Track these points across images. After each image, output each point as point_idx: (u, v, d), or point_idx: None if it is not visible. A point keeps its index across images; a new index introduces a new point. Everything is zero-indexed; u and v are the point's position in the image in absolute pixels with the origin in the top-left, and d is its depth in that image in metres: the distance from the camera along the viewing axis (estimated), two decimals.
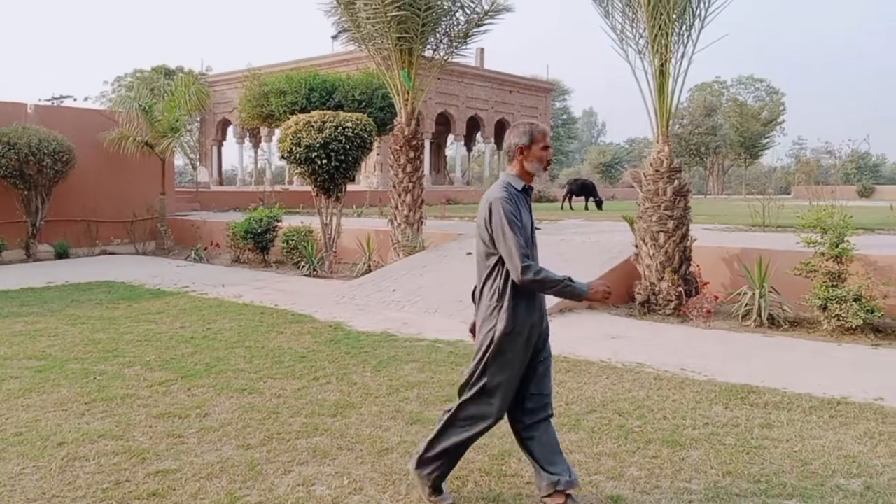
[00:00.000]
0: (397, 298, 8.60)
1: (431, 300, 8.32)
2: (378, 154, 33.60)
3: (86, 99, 51.83)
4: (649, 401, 4.66)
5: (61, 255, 14.30)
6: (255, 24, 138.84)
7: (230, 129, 42.73)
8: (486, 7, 11.00)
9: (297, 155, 11.53)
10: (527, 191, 3.17)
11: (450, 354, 5.99)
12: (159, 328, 7.27)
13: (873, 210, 19.42)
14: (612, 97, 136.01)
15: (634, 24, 8.24)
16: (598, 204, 21.23)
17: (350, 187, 24.63)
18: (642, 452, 3.80)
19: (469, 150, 48.00)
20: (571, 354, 5.94)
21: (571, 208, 21.33)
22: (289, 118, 21.56)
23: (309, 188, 30.81)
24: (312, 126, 11.52)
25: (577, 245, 9.73)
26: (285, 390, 5.02)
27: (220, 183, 42.60)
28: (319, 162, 11.48)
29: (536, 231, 3.48)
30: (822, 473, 3.52)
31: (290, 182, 38.21)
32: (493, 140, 45.11)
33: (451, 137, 48.58)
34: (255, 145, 40.76)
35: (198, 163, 43.32)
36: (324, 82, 20.98)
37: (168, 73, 46.56)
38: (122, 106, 15.32)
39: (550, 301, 7.52)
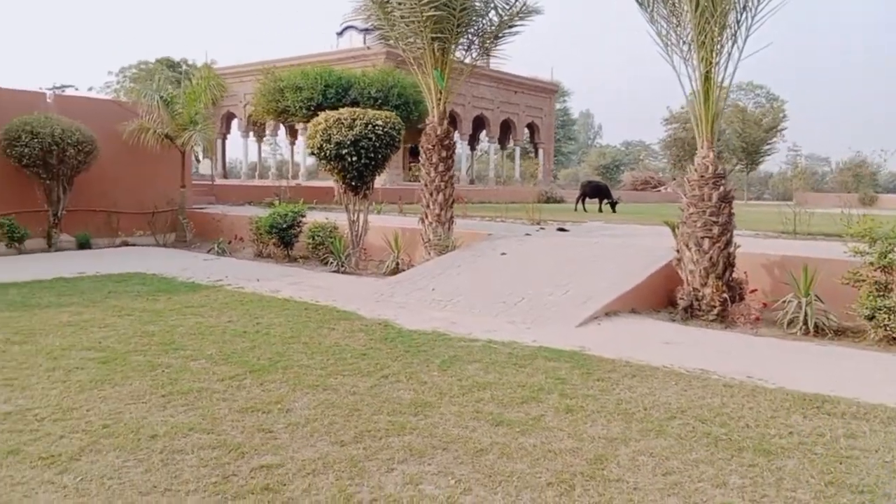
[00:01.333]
0: (437, 297, 8.62)
1: (472, 300, 8.34)
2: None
3: (90, 89, 51.49)
4: (726, 408, 4.70)
5: (83, 245, 14.25)
6: (255, 18, 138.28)
7: (234, 123, 42.61)
8: (518, 8, 11.01)
9: (328, 151, 11.51)
10: None
11: (509, 356, 6.01)
12: (208, 321, 7.27)
13: None
14: (608, 99, 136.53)
15: (678, 31, 8.28)
16: (613, 206, 21.32)
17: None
18: (737, 461, 3.84)
19: (472, 149, 47.98)
20: (632, 359, 5.96)
21: (585, 210, 21.41)
22: (305, 114, 21.74)
23: (321, 183, 30.87)
24: (343, 123, 11.51)
25: (611, 248, 9.77)
26: (358, 387, 5.03)
27: (224, 176, 42.51)
28: (350, 159, 11.47)
29: (564, 232, 3.45)
30: None
31: (295, 177, 38.17)
32: (497, 140, 45.21)
33: (455, 136, 48.73)
34: (259, 139, 40.61)
35: (201, 155, 43.14)
36: (339, 79, 21.01)
37: (172, 65, 46.52)
38: (143, 97, 15.25)
39: (598, 304, 7.59)
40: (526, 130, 47.73)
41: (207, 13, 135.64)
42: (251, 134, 41.47)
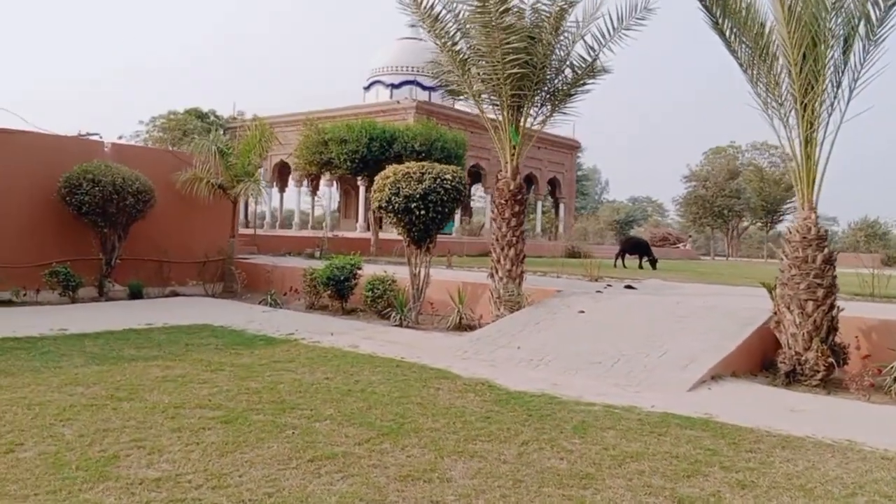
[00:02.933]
0: (525, 356, 8.40)
1: (565, 360, 8.11)
2: None
3: (120, 137, 52.21)
4: None
5: (135, 294, 14.12)
6: (281, 71, 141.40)
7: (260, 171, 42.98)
8: (590, 65, 11.06)
9: (396, 205, 11.46)
10: None
11: (640, 423, 5.77)
12: (304, 378, 7.06)
13: None
14: (612, 156, 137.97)
15: (777, 92, 8.26)
16: (653, 263, 21.13)
17: (390, 236, 24.50)
18: None
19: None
20: (770, 428, 5.71)
21: (624, 266, 21.23)
22: (349, 166, 21.87)
23: (360, 235, 30.82)
24: (412, 177, 11.49)
25: (695, 308, 9.57)
26: (504, 455, 4.80)
27: (246, 225, 42.67)
28: (418, 213, 11.41)
29: (632, 290, 3.25)
30: None
31: (334, 228, 38.34)
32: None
33: (477, 189, 49.02)
34: (313, 192, 40.87)
35: (253, 204, 43.18)
36: (383, 132, 21.17)
37: (200, 115, 47.25)
38: (200, 148, 15.35)
39: (702, 367, 7.36)
40: (547, 185, 47.97)
41: (232, 66, 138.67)
42: (275, 184, 41.73)
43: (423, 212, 11.38)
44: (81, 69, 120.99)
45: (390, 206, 11.57)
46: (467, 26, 10.63)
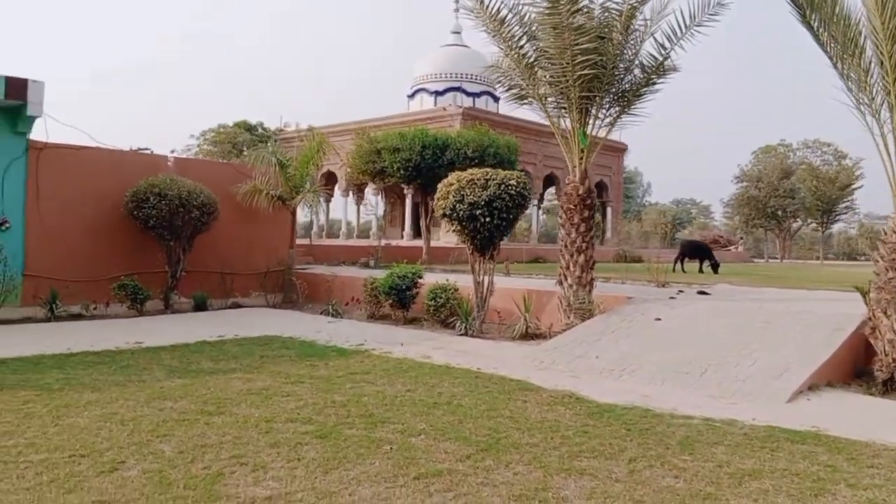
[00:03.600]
0: (605, 366, 8.16)
1: (649, 370, 7.85)
2: None
3: (172, 151, 53.46)
4: None
5: (200, 306, 14.25)
6: (324, 81, 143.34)
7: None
8: (661, 63, 10.76)
9: (461, 212, 11.33)
10: None
11: (745, 438, 5.49)
12: (386, 390, 6.95)
13: None
14: (653, 159, 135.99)
15: (869, 84, 7.89)
16: (715, 267, 20.57)
17: (441, 243, 24.40)
18: None
19: (539, 207, 47.79)
20: (886, 441, 5.40)
21: (684, 271, 20.72)
22: (403, 174, 21.85)
23: (411, 243, 30.83)
24: (476, 183, 11.35)
25: (778, 314, 9.20)
26: (614, 472, 4.59)
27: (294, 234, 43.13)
28: (483, 220, 11.26)
29: (706, 295, 2.98)
30: None
31: (382, 236, 38.52)
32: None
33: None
34: (359, 201, 41.16)
35: (313, 215, 43.54)
36: (435, 139, 21.10)
37: (249, 128, 48.00)
38: (261, 160, 15.47)
39: (798, 377, 7.02)
40: (594, 189, 47.38)
41: (275, 76, 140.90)
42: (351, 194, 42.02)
43: (487, 219, 11.23)
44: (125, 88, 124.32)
45: (454, 214, 11.45)
46: (533, 28, 10.46)
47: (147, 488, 4.18)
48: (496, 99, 47.50)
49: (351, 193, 41.42)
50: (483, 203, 11.14)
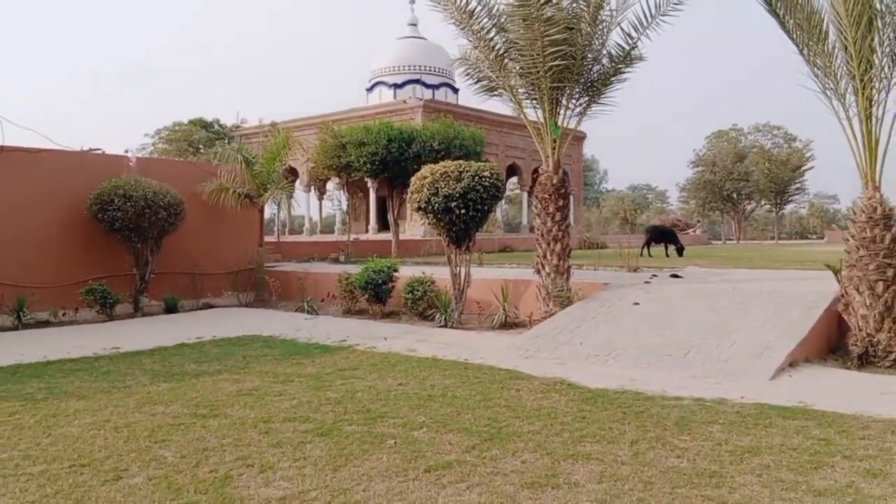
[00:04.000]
0: (590, 352, 8.28)
1: (633, 354, 8.00)
2: None
3: (126, 151, 52.13)
4: None
5: (170, 308, 14.00)
6: (276, 74, 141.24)
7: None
8: (628, 53, 10.90)
9: (436, 205, 11.35)
10: None
11: (738, 415, 5.65)
12: (378, 385, 6.95)
13: None
14: (607, 146, 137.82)
15: (831, 71, 8.13)
16: (680, 251, 21.00)
17: (387, 237, 24.25)
18: None
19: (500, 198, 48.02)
20: (872, 413, 5.62)
21: (650, 255, 21.10)
22: (369, 168, 21.73)
23: (378, 237, 30.66)
24: (450, 176, 11.38)
25: (752, 294, 9.44)
26: (619, 456, 4.68)
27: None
28: (458, 212, 11.30)
29: (678, 279, 3.11)
30: None
31: (348, 230, 38.21)
32: (529, 187, 45.28)
33: None
34: (321, 197, 40.72)
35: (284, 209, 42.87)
36: (400, 133, 21.03)
37: (205, 125, 47.02)
38: (226, 158, 15.23)
39: (778, 355, 7.24)
40: None
41: (226, 71, 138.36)
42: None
43: (463, 211, 11.27)
44: (76, 77, 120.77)
45: (429, 206, 11.46)
46: (503, 20, 10.49)
47: (156, 495, 4.12)
48: (455, 90, 47.54)
49: (313, 189, 41.03)
50: (458, 195, 11.18)
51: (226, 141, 46.04)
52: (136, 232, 13.22)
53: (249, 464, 4.63)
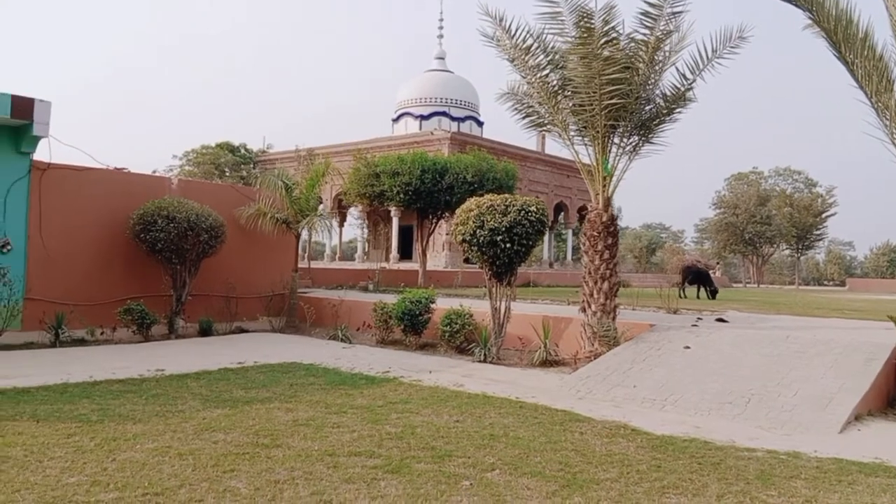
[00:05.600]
0: (646, 396, 8.11)
1: (691, 399, 7.82)
2: (447, 234, 33.68)
3: (154, 171, 52.74)
4: None
5: (205, 331, 13.95)
6: (304, 103, 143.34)
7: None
8: (681, 93, 10.88)
9: (481, 238, 11.28)
10: None
11: (817, 470, 5.46)
12: (434, 421, 6.81)
13: None
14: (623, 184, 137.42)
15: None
16: (713, 293, 20.77)
17: (410, 266, 24.14)
18: None
19: None
20: None
21: (685, 296, 20.88)
22: (402, 198, 21.77)
23: (403, 266, 30.62)
24: (496, 209, 11.33)
25: (808, 343, 9.25)
26: None
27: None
28: (503, 245, 11.22)
29: (724, 323, 2.95)
30: None
31: (365, 259, 38.22)
32: (550, 222, 45.26)
33: None
34: (341, 223, 40.91)
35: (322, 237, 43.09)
36: (434, 164, 21.09)
37: (232, 149, 47.59)
38: (267, 183, 15.31)
39: (844, 407, 7.05)
40: (577, 214, 47.84)
41: (255, 98, 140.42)
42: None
43: (508, 245, 11.19)
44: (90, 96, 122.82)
45: (474, 239, 11.39)
46: (558, 57, 10.53)
47: None
48: (480, 123, 47.93)
49: (336, 216, 41.23)
50: (504, 229, 11.11)
51: (251, 165, 46.65)
52: (176, 253, 13.23)
53: (327, 500, 4.51)
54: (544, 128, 11.58)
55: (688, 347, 9.61)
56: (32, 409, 6.86)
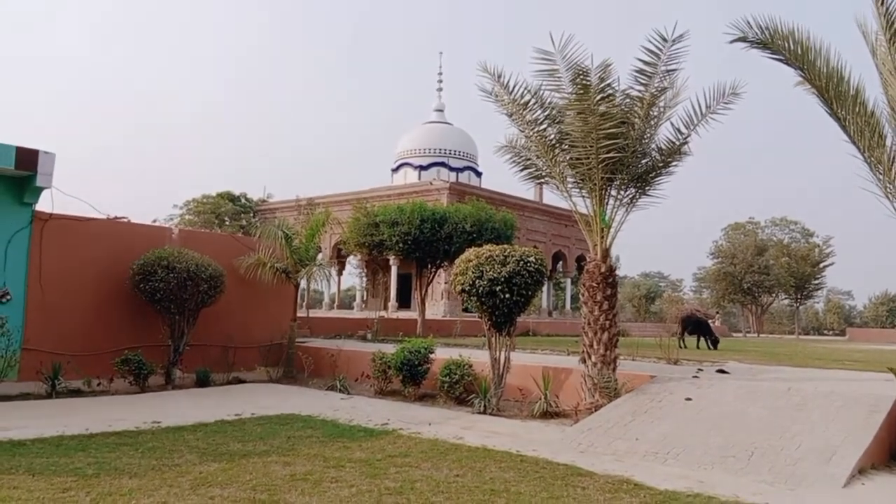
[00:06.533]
0: (648, 449, 8.03)
1: (694, 453, 7.74)
2: (445, 282, 33.70)
3: (154, 220, 53.05)
4: None
5: (203, 381, 13.84)
6: (304, 153, 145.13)
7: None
8: (677, 147, 11.07)
9: (481, 288, 11.30)
10: None
11: None
12: (434, 475, 6.72)
13: None
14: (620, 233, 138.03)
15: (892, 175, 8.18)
16: (714, 343, 20.69)
17: (408, 314, 24.08)
18: None
19: None
20: None
21: (685, 346, 20.80)
22: (401, 248, 21.89)
23: (402, 315, 30.55)
24: (495, 260, 11.39)
25: (810, 395, 9.20)
26: None
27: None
28: (502, 296, 11.24)
29: (725, 374, 2.96)
30: None
31: (363, 308, 38.13)
32: (549, 271, 45.35)
33: None
34: (340, 271, 40.99)
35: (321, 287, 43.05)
36: (433, 213, 21.27)
37: (232, 198, 47.96)
38: (267, 234, 15.41)
39: (847, 461, 6.99)
40: (574, 263, 47.98)
41: (256, 147, 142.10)
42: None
43: (507, 295, 11.21)
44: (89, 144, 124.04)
45: (473, 289, 11.41)
46: (555, 112, 10.74)
47: None
48: (478, 174, 48.46)
49: (334, 264, 41.32)
50: (503, 279, 11.15)
51: (252, 214, 46.97)
52: (175, 303, 13.22)
53: None
54: (542, 180, 11.74)
55: (689, 399, 9.55)
56: (28, 463, 6.78)
